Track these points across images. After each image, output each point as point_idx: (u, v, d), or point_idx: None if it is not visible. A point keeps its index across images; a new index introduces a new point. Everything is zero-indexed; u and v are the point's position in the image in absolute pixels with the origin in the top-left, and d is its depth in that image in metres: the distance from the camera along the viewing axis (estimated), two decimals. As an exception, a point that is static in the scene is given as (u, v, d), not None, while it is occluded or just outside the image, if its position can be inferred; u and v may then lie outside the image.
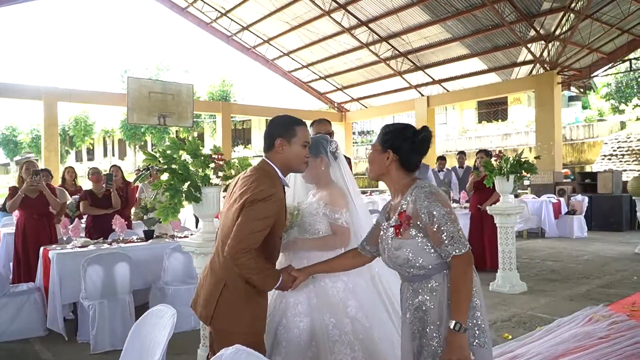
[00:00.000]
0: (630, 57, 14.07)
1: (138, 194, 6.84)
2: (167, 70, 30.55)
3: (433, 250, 1.86)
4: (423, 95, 16.11)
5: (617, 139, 17.25)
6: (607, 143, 17.47)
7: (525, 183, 13.36)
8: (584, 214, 10.50)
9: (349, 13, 13.93)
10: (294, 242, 2.47)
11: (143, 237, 5.23)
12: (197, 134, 30.53)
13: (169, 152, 3.00)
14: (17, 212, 5.57)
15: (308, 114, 16.31)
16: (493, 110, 23.51)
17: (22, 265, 5.28)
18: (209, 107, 20.02)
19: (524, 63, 13.50)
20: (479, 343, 1.81)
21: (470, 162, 9.54)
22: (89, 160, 37.00)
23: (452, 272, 1.82)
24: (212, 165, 3.07)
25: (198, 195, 3.04)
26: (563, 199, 11.00)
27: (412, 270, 1.91)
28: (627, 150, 16.70)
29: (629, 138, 16.94)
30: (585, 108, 23.30)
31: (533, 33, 12.30)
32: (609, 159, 16.90)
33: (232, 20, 16.32)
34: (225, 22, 16.49)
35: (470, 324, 1.81)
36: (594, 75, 14.18)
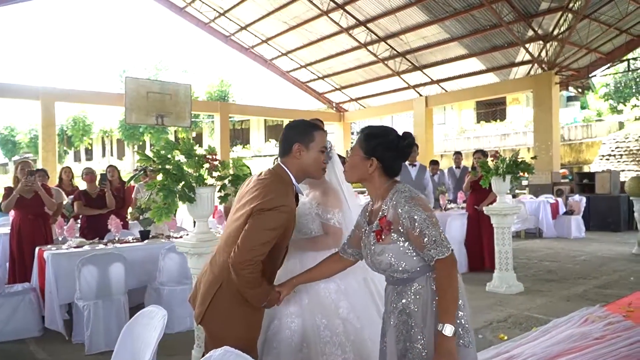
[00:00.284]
0: (629, 57, 14.07)
1: (134, 194, 6.84)
2: (165, 70, 30.50)
3: (415, 254, 1.86)
4: (421, 95, 16.09)
5: (615, 139, 17.26)
6: (605, 143, 17.48)
7: (523, 183, 13.36)
8: (582, 214, 10.51)
9: (347, 13, 13.92)
10: None
11: (139, 237, 5.22)
12: (195, 134, 30.51)
13: (163, 152, 2.99)
14: (12, 212, 5.57)
15: (306, 114, 16.30)
16: (491, 111, 23.49)
17: (17, 266, 5.28)
18: (207, 107, 19.98)
19: (522, 63, 13.49)
20: (464, 343, 1.82)
21: (468, 162, 9.53)
22: (87, 161, 36.89)
23: (437, 275, 1.82)
24: (206, 166, 3.06)
25: (192, 196, 3.03)
26: (561, 199, 11.00)
27: (395, 275, 1.91)
28: (625, 151, 16.71)
29: (627, 138, 16.95)
30: (584, 108, 23.31)
31: (531, 33, 12.29)
32: (607, 159, 16.91)
33: (230, 20, 16.30)
34: (224, 22, 16.48)
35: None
36: (592, 76, 14.18)
